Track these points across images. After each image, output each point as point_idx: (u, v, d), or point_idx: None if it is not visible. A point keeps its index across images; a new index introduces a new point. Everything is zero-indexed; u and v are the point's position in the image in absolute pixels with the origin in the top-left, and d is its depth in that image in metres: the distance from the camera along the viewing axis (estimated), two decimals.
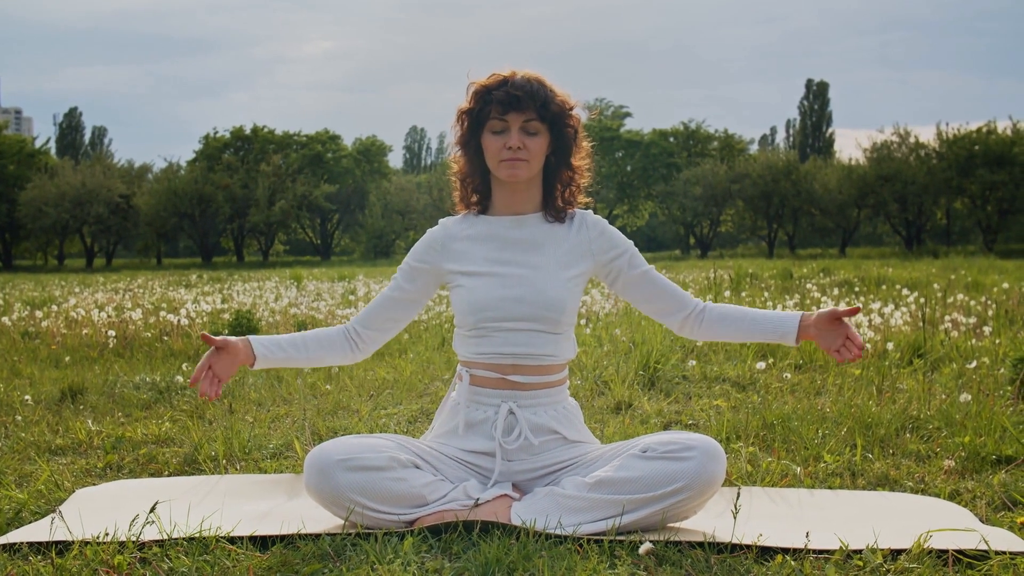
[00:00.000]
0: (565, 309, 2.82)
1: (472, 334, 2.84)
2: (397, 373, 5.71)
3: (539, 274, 2.82)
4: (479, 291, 2.82)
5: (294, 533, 2.61)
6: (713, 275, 9.33)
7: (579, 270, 2.87)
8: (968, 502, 3.05)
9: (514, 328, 2.79)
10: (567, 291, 2.83)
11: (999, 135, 41.54)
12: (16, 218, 45.40)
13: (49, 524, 2.72)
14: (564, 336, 2.86)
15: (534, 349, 2.81)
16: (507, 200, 2.89)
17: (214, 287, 15.89)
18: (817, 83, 69.37)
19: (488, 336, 2.81)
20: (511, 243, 2.86)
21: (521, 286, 2.80)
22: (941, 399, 4.48)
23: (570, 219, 2.93)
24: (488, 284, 2.82)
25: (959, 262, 21.47)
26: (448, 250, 2.91)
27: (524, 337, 2.80)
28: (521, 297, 2.79)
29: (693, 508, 2.65)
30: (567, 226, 2.91)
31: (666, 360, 5.57)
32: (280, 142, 51.29)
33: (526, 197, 2.89)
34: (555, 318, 2.80)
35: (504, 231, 2.88)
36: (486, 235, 2.89)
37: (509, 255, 2.85)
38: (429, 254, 2.94)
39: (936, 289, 10.81)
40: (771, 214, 45.69)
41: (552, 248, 2.87)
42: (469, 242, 2.89)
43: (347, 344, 2.96)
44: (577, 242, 2.88)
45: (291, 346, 2.89)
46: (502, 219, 2.89)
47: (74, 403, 4.97)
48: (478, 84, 2.85)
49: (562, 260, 2.86)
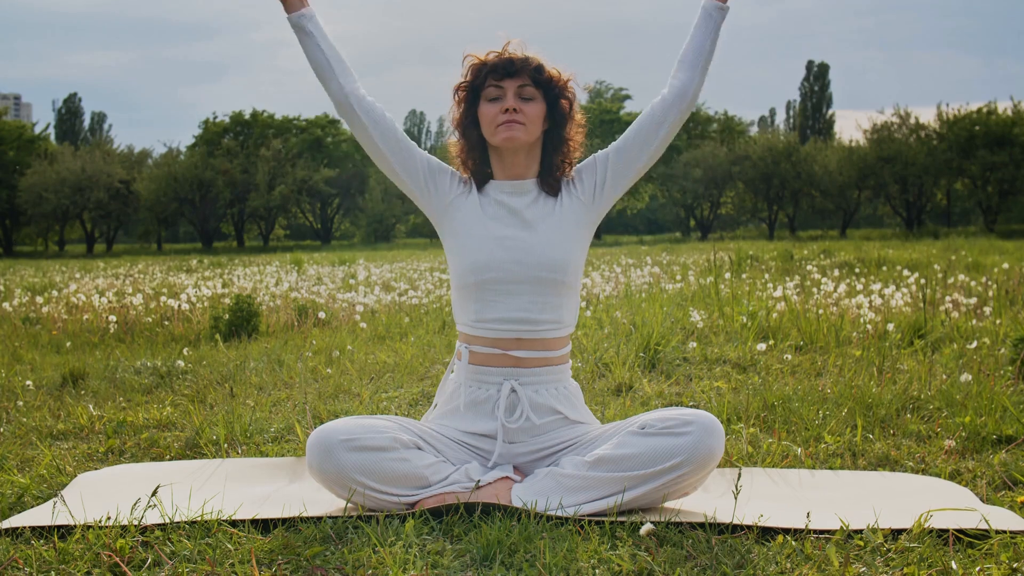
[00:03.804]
0: (568, 269, 2.82)
1: (473, 297, 2.84)
2: (398, 357, 5.71)
3: (537, 236, 2.83)
4: (480, 252, 2.82)
5: (296, 516, 2.61)
6: (713, 257, 9.34)
7: (576, 224, 2.88)
8: (968, 482, 3.05)
9: (515, 291, 2.80)
10: (567, 250, 2.84)
11: (999, 116, 41.45)
12: (16, 204, 45.34)
13: (51, 508, 2.73)
14: (567, 300, 2.86)
15: (536, 315, 2.80)
16: (506, 170, 2.91)
17: (214, 272, 15.89)
18: (818, 64, 69.24)
19: (489, 301, 2.81)
20: (511, 206, 2.88)
21: (521, 248, 2.82)
22: (942, 379, 4.49)
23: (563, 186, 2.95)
24: (489, 247, 2.82)
25: (960, 243, 21.46)
26: (461, 200, 2.91)
27: (526, 302, 2.80)
28: (522, 259, 2.80)
29: (693, 484, 2.65)
30: (561, 191, 2.93)
31: (667, 342, 5.57)
32: (280, 127, 51.19)
33: (525, 167, 2.90)
34: (558, 279, 2.81)
35: (504, 195, 2.89)
36: (488, 200, 2.90)
37: (509, 217, 2.86)
38: (450, 187, 2.93)
39: (937, 270, 10.81)
40: (771, 196, 45.63)
41: (549, 210, 2.88)
42: (476, 204, 2.90)
43: (350, 80, 2.89)
44: (568, 201, 2.90)
45: (323, 33, 2.89)
46: (502, 183, 2.91)
47: (75, 388, 4.98)
48: (474, 58, 2.89)
49: (560, 220, 2.87)
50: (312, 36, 2.87)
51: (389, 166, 2.92)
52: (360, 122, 2.88)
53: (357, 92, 2.88)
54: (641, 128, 2.89)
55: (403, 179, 2.93)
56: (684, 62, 2.88)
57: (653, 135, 2.88)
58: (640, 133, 2.89)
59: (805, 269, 11.81)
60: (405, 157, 2.91)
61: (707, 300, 8.02)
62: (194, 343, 6.72)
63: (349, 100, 2.87)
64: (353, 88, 2.88)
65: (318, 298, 9.22)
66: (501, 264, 2.80)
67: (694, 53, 2.87)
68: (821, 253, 16.26)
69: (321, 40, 2.87)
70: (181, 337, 6.99)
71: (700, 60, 2.87)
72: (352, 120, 2.89)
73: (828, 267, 12.27)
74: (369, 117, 2.88)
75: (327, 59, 2.87)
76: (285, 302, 8.61)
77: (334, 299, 9.11)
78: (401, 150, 2.91)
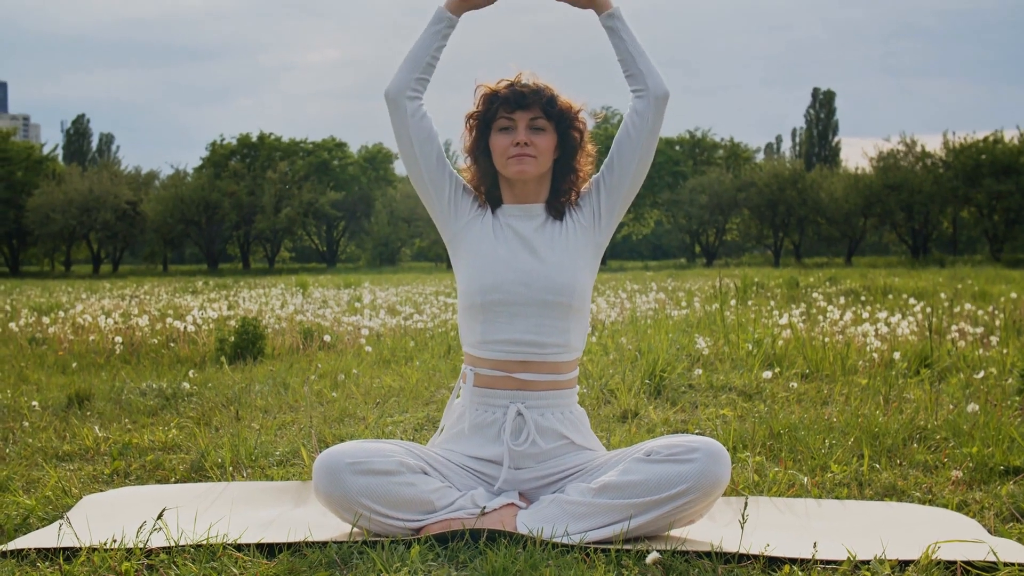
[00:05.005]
0: (574, 293, 2.83)
1: (480, 319, 2.84)
2: (403, 381, 5.71)
3: (544, 261, 2.85)
4: (487, 274, 2.83)
5: (301, 541, 2.61)
6: (719, 284, 9.32)
7: (582, 248, 2.90)
8: (976, 513, 3.04)
9: (521, 313, 2.81)
10: (573, 275, 2.85)
11: (1006, 144, 41.47)
12: (24, 224, 45.47)
13: (57, 530, 2.73)
14: (575, 324, 2.87)
15: (542, 338, 2.81)
16: (516, 195, 2.93)
17: (220, 294, 15.90)
18: (823, 92, 69.28)
19: (495, 323, 2.82)
20: (520, 230, 2.89)
21: (528, 271, 2.83)
22: (948, 409, 4.47)
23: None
24: (496, 268, 2.84)
25: (966, 271, 21.43)
26: (477, 222, 2.93)
27: (532, 324, 2.81)
28: (529, 281, 2.81)
29: (699, 511, 2.65)
30: (567, 216, 2.95)
31: (672, 369, 5.56)
32: (286, 149, 51.34)
33: (535, 192, 2.93)
34: (565, 302, 2.82)
35: (514, 219, 2.91)
36: (498, 224, 2.92)
37: (518, 241, 2.88)
38: (470, 207, 2.95)
39: (943, 299, 10.79)
40: (777, 223, 45.64)
41: (556, 235, 2.90)
42: (488, 227, 2.92)
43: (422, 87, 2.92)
44: (573, 226, 2.92)
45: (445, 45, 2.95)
46: (511, 207, 2.93)
47: (81, 409, 4.98)
48: (485, 87, 2.90)
49: (566, 245, 2.89)
50: (442, 36, 2.91)
51: (419, 173, 2.93)
52: (403, 114, 2.89)
53: (418, 92, 2.90)
54: (621, 137, 2.91)
55: (429, 191, 2.94)
56: (627, 76, 2.91)
57: (632, 148, 2.90)
58: (622, 141, 2.91)
59: (811, 296, 11.80)
60: (436, 168, 2.92)
61: (712, 327, 8.01)
62: (200, 365, 6.72)
63: (405, 92, 2.88)
64: (417, 90, 2.90)
65: (323, 321, 9.23)
66: (508, 286, 2.81)
67: (625, 64, 2.90)
68: (827, 281, 16.25)
69: (440, 45, 2.91)
70: (187, 359, 6.99)
71: (634, 66, 2.89)
72: (402, 117, 2.89)
73: (834, 295, 12.25)
74: (414, 116, 2.89)
75: (430, 60, 2.90)
76: (290, 325, 8.62)
77: (339, 322, 9.12)
78: (434, 160, 2.92)
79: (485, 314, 2.83)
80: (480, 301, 2.83)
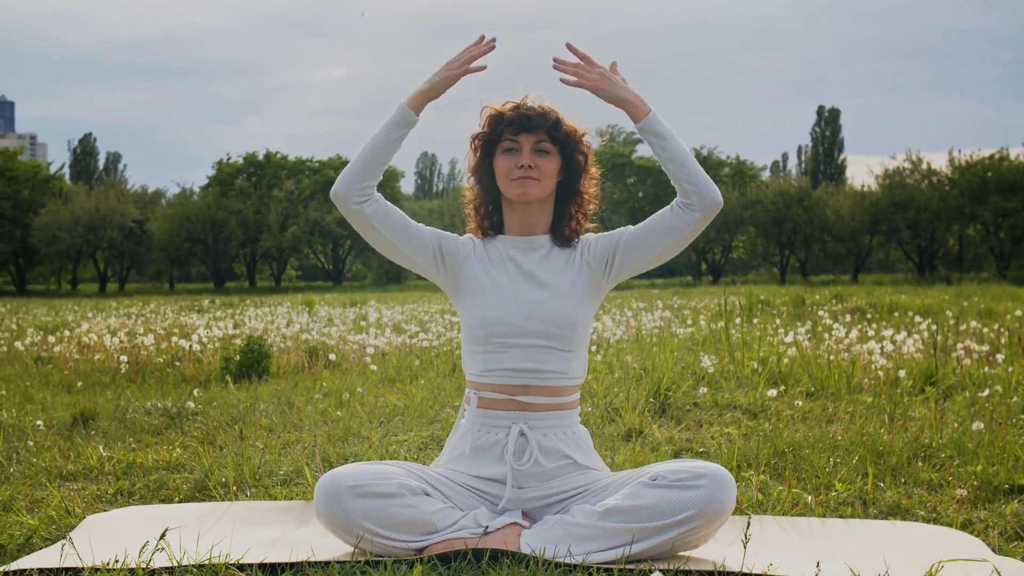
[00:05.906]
0: (576, 326, 2.84)
1: (481, 350, 2.85)
2: (408, 400, 5.71)
3: (548, 292, 2.86)
4: (489, 306, 2.84)
5: (304, 561, 2.61)
6: (724, 302, 9.31)
7: (585, 286, 2.90)
8: (980, 532, 3.03)
9: (523, 344, 2.81)
10: (574, 308, 2.86)
11: (1012, 162, 41.44)
12: (30, 243, 45.59)
13: (60, 550, 2.73)
14: (575, 355, 2.88)
15: (544, 366, 2.82)
16: (518, 222, 2.93)
17: (226, 312, 15.92)
18: (829, 109, 69.38)
19: (497, 353, 2.83)
20: (522, 262, 2.90)
21: (530, 303, 2.84)
22: (953, 427, 4.46)
23: (576, 243, 2.97)
24: (498, 300, 2.85)
25: (972, 289, 21.40)
26: (471, 260, 2.93)
27: (534, 354, 2.82)
28: (531, 314, 2.82)
29: (703, 537, 2.64)
30: (573, 248, 2.95)
31: (677, 387, 5.56)
32: (293, 168, 51.46)
33: (537, 219, 2.93)
34: (566, 335, 2.83)
35: (515, 251, 2.92)
36: (498, 255, 2.93)
37: (519, 273, 2.89)
38: (458, 249, 2.95)
39: (949, 316, 10.77)
40: (783, 240, 45.62)
41: (560, 267, 2.90)
42: (485, 260, 2.93)
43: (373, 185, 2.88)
44: (580, 261, 2.92)
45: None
46: (514, 239, 2.93)
47: (86, 428, 4.98)
48: (491, 109, 2.91)
49: (570, 279, 2.89)
50: (401, 140, 2.88)
51: (395, 251, 2.92)
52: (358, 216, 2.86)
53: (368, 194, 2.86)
54: (652, 227, 2.88)
55: (413, 260, 2.93)
56: (673, 181, 2.87)
57: (664, 237, 2.87)
58: (650, 231, 2.88)
59: (816, 314, 11.78)
60: (409, 238, 2.91)
61: (718, 345, 8.01)
62: (205, 384, 6.73)
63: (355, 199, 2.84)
64: (366, 193, 2.86)
65: (329, 339, 9.23)
66: (510, 319, 2.82)
67: (671, 173, 2.86)
68: (833, 298, 16.22)
69: (397, 149, 2.89)
70: (192, 378, 7.00)
71: (681, 175, 2.83)
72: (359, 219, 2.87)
73: (840, 312, 12.23)
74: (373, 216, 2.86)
75: (382, 163, 2.87)
76: (296, 343, 8.62)
77: (345, 341, 9.12)
78: (403, 233, 2.90)
79: (487, 345, 2.85)
80: (482, 334, 2.84)
